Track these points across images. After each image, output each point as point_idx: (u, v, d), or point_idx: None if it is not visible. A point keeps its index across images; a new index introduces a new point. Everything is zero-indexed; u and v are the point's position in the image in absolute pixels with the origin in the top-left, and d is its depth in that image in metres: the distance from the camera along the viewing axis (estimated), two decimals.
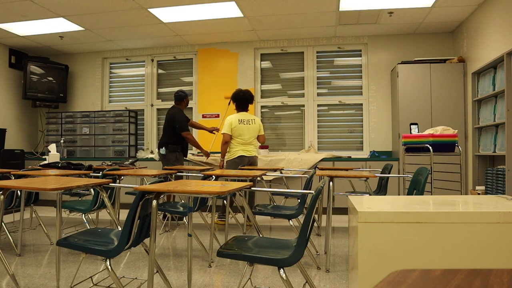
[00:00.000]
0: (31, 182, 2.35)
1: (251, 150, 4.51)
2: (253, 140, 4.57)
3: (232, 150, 4.50)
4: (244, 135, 4.47)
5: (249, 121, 4.52)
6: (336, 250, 3.40)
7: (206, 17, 5.00)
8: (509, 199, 1.77)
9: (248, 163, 4.52)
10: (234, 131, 4.45)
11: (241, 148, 4.46)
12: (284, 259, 1.72)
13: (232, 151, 4.49)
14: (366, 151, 5.77)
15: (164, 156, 4.92)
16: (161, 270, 2.28)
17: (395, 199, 1.99)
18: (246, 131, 4.47)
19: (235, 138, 4.47)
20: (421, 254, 1.46)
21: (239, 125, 4.45)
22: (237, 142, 4.48)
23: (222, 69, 6.14)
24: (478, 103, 4.72)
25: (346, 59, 5.96)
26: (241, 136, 4.46)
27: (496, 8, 4.15)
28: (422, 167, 2.80)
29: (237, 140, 4.48)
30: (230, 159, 4.49)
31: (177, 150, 4.89)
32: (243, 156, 4.46)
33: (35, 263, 2.99)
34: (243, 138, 4.47)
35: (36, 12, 4.74)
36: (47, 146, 5.58)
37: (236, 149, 4.47)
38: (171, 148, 4.86)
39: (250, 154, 4.50)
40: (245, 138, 4.48)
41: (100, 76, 6.58)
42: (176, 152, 4.89)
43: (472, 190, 4.48)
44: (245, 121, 4.49)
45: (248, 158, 4.50)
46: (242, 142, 4.48)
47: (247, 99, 4.56)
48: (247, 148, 4.49)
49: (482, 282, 0.57)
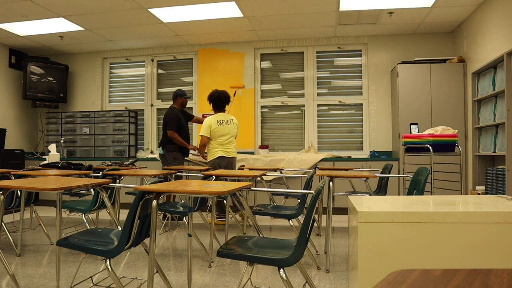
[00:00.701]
0: (31, 182, 2.35)
1: (230, 151, 4.56)
2: (233, 139, 4.62)
3: (212, 151, 4.54)
4: (224, 136, 4.52)
5: (228, 121, 4.56)
6: (336, 250, 3.40)
7: (206, 17, 5.00)
8: (509, 199, 1.77)
9: (227, 163, 4.55)
10: (214, 133, 4.48)
11: (221, 149, 4.51)
12: (284, 259, 1.72)
13: (212, 152, 4.54)
14: (366, 151, 5.77)
15: (162, 156, 4.92)
16: (161, 270, 2.28)
17: (395, 199, 1.99)
18: (225, 132, 4.52)
19: (215, 139, 4.51)
20: (421, 254, 1.46)
21: (219, 126, 4.49)
22: (217, 143, 4.52)
23: (227, 69, 6.13)
24: (478, 103, 4.72)
25: (346, 59, 5.96)
26: (221, 137, 4.51)
27: (496, 8, 4.15)
28: (422, 167, 2.80)
29: (217, 141, 4.52)
30: (210, 159, 4.53)
31: (175, 149, 4.86)
32: (222, 157, 4.51)
33: (35, 263, 2.99)
34: (222, 139, 4.52)
35: (36, 12, 4.74)
36: (47, 146, 5.59)
37: (216, 150, 4.52)
38: (168, 147, 4.86)
39: (230, 155, 4.55)
40: (224, 138, 4.53)
41: (100, 76, 6.58)
42: (174, 151, 4.86)
43: (472, 190, 4.48)
44: (224, 121, 4.54)
45: (227, 159, 4.54)
46: (222, 142, 4.52)
47: (222, 100, 4.59)
48: (227, 149, 4.54)
49: (482, 282, 0.57)
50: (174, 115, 4.88)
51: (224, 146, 4.52)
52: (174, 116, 4.88)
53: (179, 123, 4.89)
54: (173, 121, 4.84)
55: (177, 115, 4.91)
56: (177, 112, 4.92)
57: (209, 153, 4.57)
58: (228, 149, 4.53)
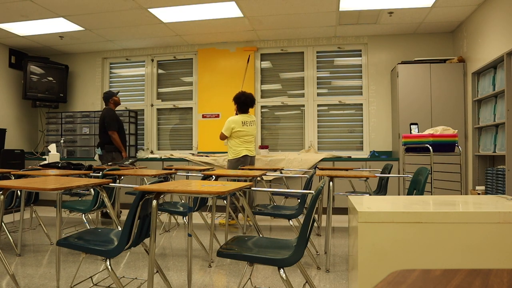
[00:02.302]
0: (31, 182, 2.35)
1: (252, 150, 4.72)
2: (253, 139, 4.78)
3: (237, 150, 4.62)
4: (248, 135, 4.65)
5: (251, 123, 4.70)
6: (336, 250, 3.40)
7: (206, 17, 5.00)
8: (509, 199, 1.77)
9: (250, 162, 4.69)
10: (239, 133, 4.59)
11: (245, 147, 4.63)
12: (284, 259, 1.72)
13: (237, 150, 4.62)
14: (366, 151, 5.77)
15: (101, 157, 5.05)
16: (161, 270, 2.28)
17: (395, 199, 1.99)
18: (249, 132, 4.65)
19: (240, 137, 4.61)
20: (421, 254, 1.46)
21: (243, 127, 4.61)
22: (241, 141, 4.63)
23: (227, 69, 6.13)
24: (478, 103, 4.72)
25: (346, 59, 5.96)
26: (245, 136, 4.62)
27: (496, 8, 4.15)
28: (422, 167, 2.80)
29: (241, 139, 4.63)
30: (235, 157, 4.61)
31: (114, 150, 5.00)
32: (247, 156, 4.63)
33: (35, 263, 2.99)
34: (246, 139, 4.63)
35: (36, 12, 4.74)
36: (47, 146, 5.59)
37: (240, 149, 4.62)
38: (108, 148, 5.00)
39: (252, 154, 4.72)
40: (248, 138, 4.66)
41: (100, 76, 6.58)
42: (113, 152, 5.00)
43: (472, 190, 4.48)
44: (248, 122, 4.67)
45: (250, 158, 4.69)
46: (246, 141, 4.64)
47: (247, 104, 4.71)
48: (250, 148, 4.68)
49: (482, 282, 0.57)
50: (112, 115, 5.06)
51: (248, 146, 4.66)
52: (113, 116, 5.07)
53: (119, 122, 5.12)
54: (113, 121, 5.02)
55: (116, 115, 5.13)
56: (114, 113, 5.11)
57: (234, 151, 4.64)
58: (250, 147, 4.69)
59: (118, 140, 4.99)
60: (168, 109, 6.46)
